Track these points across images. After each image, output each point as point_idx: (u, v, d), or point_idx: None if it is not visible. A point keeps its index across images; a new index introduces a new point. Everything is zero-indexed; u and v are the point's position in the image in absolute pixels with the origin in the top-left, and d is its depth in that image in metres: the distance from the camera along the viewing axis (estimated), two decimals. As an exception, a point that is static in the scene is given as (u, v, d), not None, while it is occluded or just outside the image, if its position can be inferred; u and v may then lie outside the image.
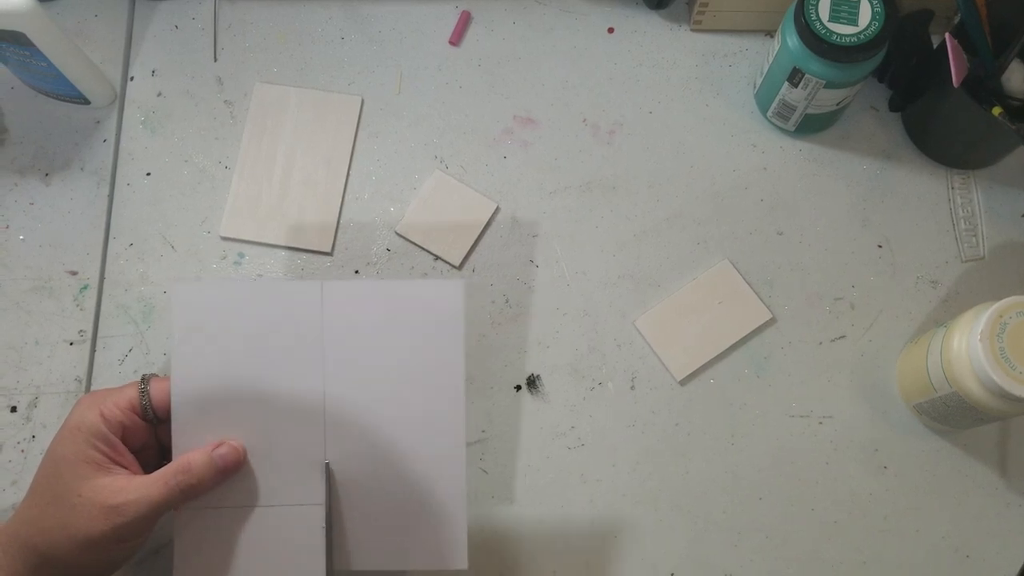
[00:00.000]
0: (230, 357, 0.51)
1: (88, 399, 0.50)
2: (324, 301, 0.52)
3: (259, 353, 0.52)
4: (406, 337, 0.52)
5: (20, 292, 0.64)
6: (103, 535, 0.46)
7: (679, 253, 0.66)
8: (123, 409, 0.49)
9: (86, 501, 0.46)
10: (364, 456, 0.52)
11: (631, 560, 0.60)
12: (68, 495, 0.47)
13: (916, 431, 0.63)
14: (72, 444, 0.48)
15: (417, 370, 0.52)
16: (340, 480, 0.52)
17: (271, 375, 0.52)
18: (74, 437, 0.48)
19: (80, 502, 0.46)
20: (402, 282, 0.54)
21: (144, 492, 0.47)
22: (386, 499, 0.52)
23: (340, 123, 0.69)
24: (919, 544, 0.61)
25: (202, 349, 0.51)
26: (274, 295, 0.52)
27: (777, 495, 0.61)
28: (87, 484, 0.47)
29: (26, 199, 0.66)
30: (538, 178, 0.68)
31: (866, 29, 0.59)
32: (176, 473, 0.48)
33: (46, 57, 0.61)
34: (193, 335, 0.51)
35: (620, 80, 0.71)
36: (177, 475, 0.48)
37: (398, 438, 0.52)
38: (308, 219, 0.66)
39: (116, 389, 0.51)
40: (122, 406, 0.49)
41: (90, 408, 0.49)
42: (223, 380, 0.51)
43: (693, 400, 0.63)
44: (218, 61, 0.71)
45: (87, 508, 0.46)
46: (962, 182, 0.69)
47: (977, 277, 0.66)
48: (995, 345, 0.53)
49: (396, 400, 0.52)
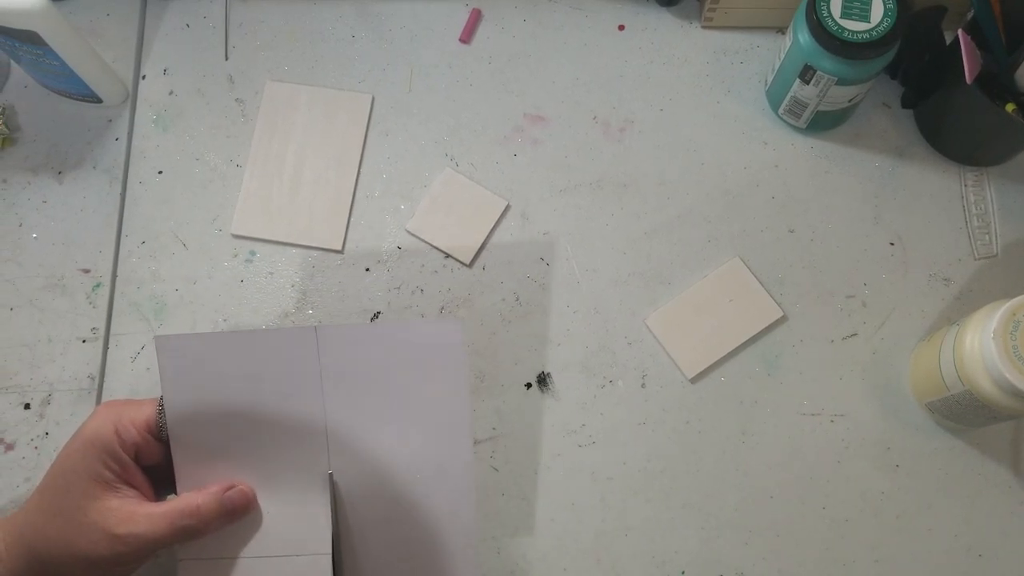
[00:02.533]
0: (224, 404, 0.50)
1: (106, 411, 0.49)
2: (320, 346, 0.50)
3: (255, 397, 0.50)
4: (407, 380, 0.51)
5: (33, 290, 0.64)
6: (103, 559, 0.46)
7: (690, 251, 0.66)
8: (139, 428, 0.49)
9: (92, 523, 0.46)
10: (371, 502, 0.51)
11: (642, 558, 0.60)
12: (76, 512, 0.47)
13: (928, 429, 0.63)
14: (84, 459, 0.48)
15: (421, 412, 0.51)
16: (347, 527, 0.51)
17: (269, 419, 0.50)
18: (87, 452, 0.48)
19: (86, 523, 0.46)
20: (399, 324, 0.51)
21: (149, 528, 0.47)
22: (395, 542, 0.51)
23: (351, 121, 0.69)
24: (932, 543, 0.60)
25: (193, 396, 0.50)
26: (266, 344, 0.50)
27: (788, 493, 0.61)
28: (95, 505, 0.47)
29: (39, 197, 0.66)
30: (549, 176, 0.68)
31: (878, 25, 0.59)
32: (183, 516, 0.48)
33: (59, 56, 0.61)
34: (181, 382, 0.49)
35: (631, 78, 0.71)
36: (184, 518, 0.48)
37: (407, 482, 0.51)
38: (319, 217, 0.66)
39: (135, 403, 0.50)
40: (138, 424, 0.49)
41: (105, 422, 0.48)
42: (220, 425, 0.50)
43: (704, 398, 0.63)
44: (229, 59, 0.71)
45: (92, 531, 0.46)
46: (975, 179, 0.68)
47: (990, 275, 0.66)
48: (1008, 343, 0.52)
49: (402, 444, 0.51)
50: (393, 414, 0.51)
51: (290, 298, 0.65)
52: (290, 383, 0.50)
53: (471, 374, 0.51)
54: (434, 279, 0.65)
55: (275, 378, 0.50)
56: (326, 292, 0.65)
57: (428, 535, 0.51)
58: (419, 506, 0.51)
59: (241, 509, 0.49)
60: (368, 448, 0.51)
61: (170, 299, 0.64)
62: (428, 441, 0.51)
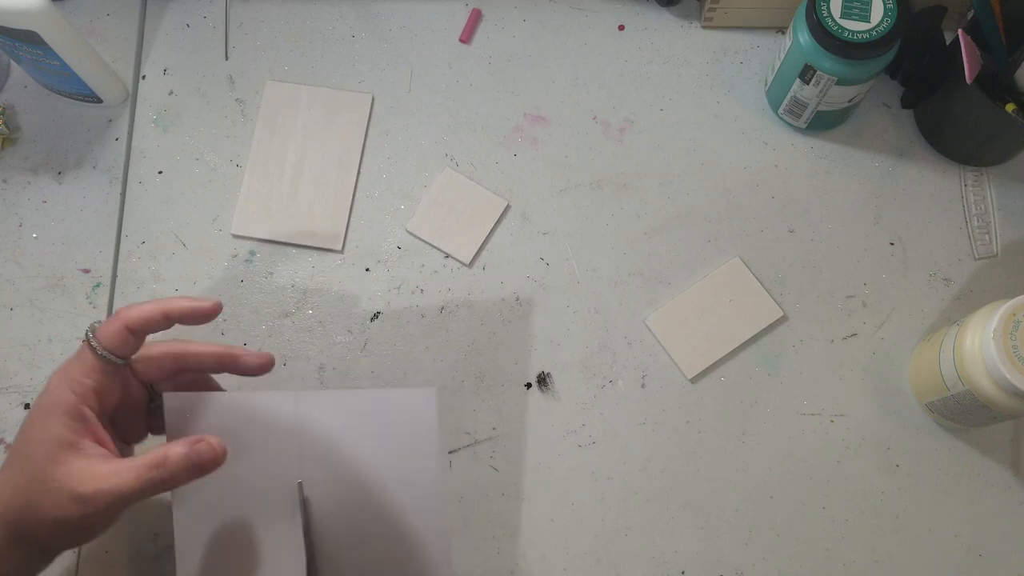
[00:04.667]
0: None
1: (57, 377, 0.49)
2: (298, 411, 0.52)
3: (239, 455, 0.52)
4: (381, 446, 0.52)
5: (34, 290, 0.64)
6: (71, 521, 0.46)
7: (690, 251, 0.66)
8: (88, 373, 0.49)
9: (58, 487, 0.46)
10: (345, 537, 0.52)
11: (642, 558, 0.60)
12: (42, 479, 0.46)
13: (929, 429, 0.63)
14: (44, 425, 0.48)
15: (395, 477, 0.52)
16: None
17: (250, 476, 0.52)
18: (45, 417, 0.48)
19: (53, 487, 0.46)
20: (375, 393, 0.54)
21: (116, 482, 0.46)
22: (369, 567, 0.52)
23: (351, 121, 0.69)
24: (932, 543, 0.60)
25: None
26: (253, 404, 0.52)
27: (788, 493, 0.61)
28: (60, 469, 0.46)
29: (39, 197, 0.66)
30: (548, 176, 0.68)
31: (878, 25, 0.59)
32: (150, 467, 0.47)
33: (59, 56, 0.61)
34: (181, 431, 0.52)
35: (631, 77, 0.71)
36: (151, 469, 0.47)
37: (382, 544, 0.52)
38: (319, 217, 0.66)
39: (75, 357, 0.50)
40: (87, 371, 0.49)
41: (59, 387, 0.49)
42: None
43: (704, 398, 0.63)
44: (229, 59, 0.71)
45: (58, 494, 0.46)
46: (975, 179, 0.68)
47: (990, 274, 0.66)
48: (1008, 343, 0.52)
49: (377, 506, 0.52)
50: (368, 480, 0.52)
51: (290, 298, 0.65)
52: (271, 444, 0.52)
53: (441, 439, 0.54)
54: (434, 279, 0.65)
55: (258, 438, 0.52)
56: (326, 292, 0.65)
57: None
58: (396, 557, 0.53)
59: (209, 462, 0.48)
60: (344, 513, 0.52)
61: (170, 299, 0.64)
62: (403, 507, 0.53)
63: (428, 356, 0.63)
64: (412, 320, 0.64)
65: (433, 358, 0.63)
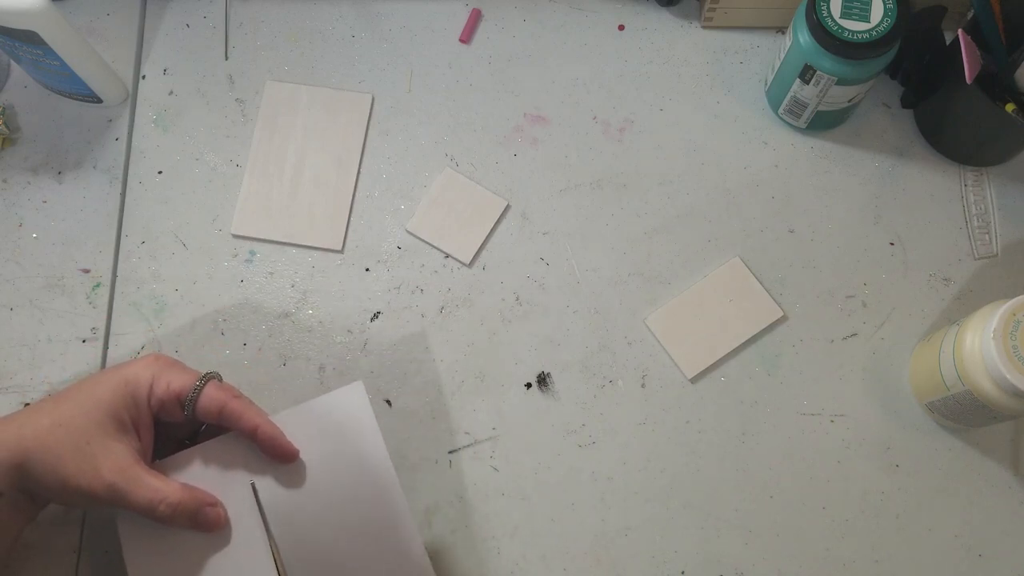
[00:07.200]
0: None
1: (152, 361, 0.51)
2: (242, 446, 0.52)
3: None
4: (329, 448, 0.53)
5: (33, 290, 0.64)
6: (77, 487, 0.48)
7: (690, 250, 0.66)
8: (172, 391, 0.50)
9: (90, 454, 0.48)
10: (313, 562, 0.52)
11: (642, 558, 0.60)
12: (85, 444, 0.48)
13: (928, 429, 0.63)
14: (112, 393, 0.49)
15: (348, 471, 0.53)
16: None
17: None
18: (117, 388, 0.49)
19: (85, 450, 0.48)
20: (307, 404, 0.54)
21: (129, 491, 0.48)
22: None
23: (351, 121, 0.69)
24: (932, 543, 0.60)
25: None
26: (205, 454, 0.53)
27: (788, 493, 0.61)
28: (101, 439, 0.48)
29: (39, 197, 0.66)
30: (548, 176, 0.68)
31: (878, 25, 0.59)
32: (161, 502, 0.49)
33: (59, 56, 0.61)
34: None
35: (630, 77, 0.71)
36: (161, 504, 0.49)
37: (350, 550, 0.52)
38: (319, 217, 0.66)
39: (179, 367, 0.52)
40: (173, 387, 0.50)
41: (146, 371, 0.50)
42: None
43: (704, 398, 0.63)
44: (229, 59, 0.71)
45: (91, 469, 0.47)
46: (975, 179, 0.68)
47: (990, 274, 0.66)
48: (1008, 343, 0.52)
49: (340, 510, 0.52)
50: (327, 485, 0.53)
51: (290, 298, 0.65)
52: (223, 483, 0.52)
53: (381, 429, 0.54)
54: (434, 279, 0.65)
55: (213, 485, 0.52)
56: (326, 292, 0.65)
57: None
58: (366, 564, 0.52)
59: (206, 528, 0.50)
60: (311, 524, 0.52)
61: (170, 299, 0.64)
62: (364, 503, 0.53)
63: (428, 356, 0.63)
64: (412, 320, 0.64)
65: (433, 358, 0.63)
